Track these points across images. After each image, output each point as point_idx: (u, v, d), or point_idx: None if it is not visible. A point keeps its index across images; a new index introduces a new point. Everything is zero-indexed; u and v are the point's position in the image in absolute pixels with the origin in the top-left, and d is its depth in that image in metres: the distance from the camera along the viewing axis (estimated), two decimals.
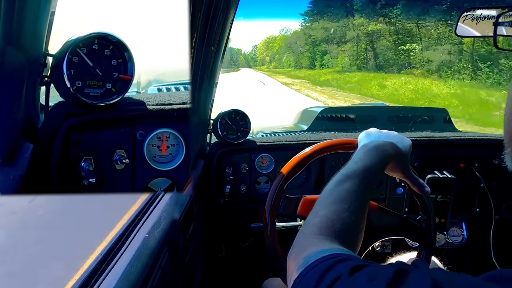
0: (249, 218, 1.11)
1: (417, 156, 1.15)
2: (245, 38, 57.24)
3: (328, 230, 0.46)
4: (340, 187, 0.54)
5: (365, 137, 0.69)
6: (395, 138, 0.69)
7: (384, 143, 0.64)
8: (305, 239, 0.47)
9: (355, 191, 0.52)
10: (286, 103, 9.85)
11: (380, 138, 0.67)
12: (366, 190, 0.53)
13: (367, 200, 0.54)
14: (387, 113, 1.62)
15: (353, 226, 0.48)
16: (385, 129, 0.73)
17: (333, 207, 0.50)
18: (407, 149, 0.68)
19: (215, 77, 1.03)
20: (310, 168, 1.19)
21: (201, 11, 0.75)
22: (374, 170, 0.57)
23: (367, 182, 0.54)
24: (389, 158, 0.62)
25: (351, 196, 0.52)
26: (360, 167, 0.56)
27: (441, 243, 1.21)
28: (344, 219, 0.48)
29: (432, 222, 0.80)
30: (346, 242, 0.46)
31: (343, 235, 0.46)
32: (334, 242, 0.45)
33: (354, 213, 0.49)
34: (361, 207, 0.51)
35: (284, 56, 30.63)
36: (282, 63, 31.03)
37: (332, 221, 0.48)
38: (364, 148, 0.62)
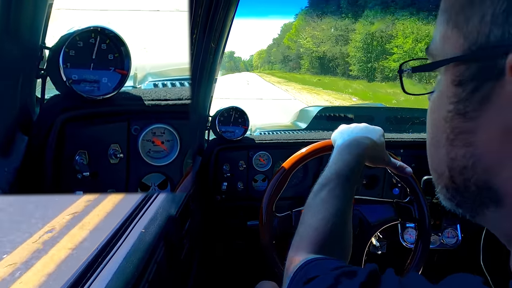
0: (245, 215, 1.12)
1: (414, 157, 1.16)
2: (244, 49, 76.48)
3: (308, 248, 0.47)
4: (316, 198, 0.54)
5: (339, 137, 0.69)
6: (365, 129, 0.69)
7: (356, 138, 0.64)
8: (289, 262, 0.48)
9: (330, 197, 0.53)
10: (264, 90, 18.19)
11: (353, 134, 0.67)
12: (343, 192, 0.54)
13: (348, 199, 0.54)
14: (385, 113, 1.63)
15: (332, 233, 0.49)
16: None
17: (310, 222, 0.51)
18: (380, 137, 0.68)
19: (214, 74, 1.02)
20: (307, 167, 1.19)
21: (202, 8, 0.74)
22: (349, 169, 0.57)
23: (343, 183, 0.55)
24: (365, 150, 0.62)
25: (326, 205, 0.52)
26: (333, 171, 0.57)
27: (436, 244, 1.22)
28: (318, 228, 0.49)
29: (422, 200, 0.81)
30: (328, 250, 0.47)
31: (323, 245, 0.47)
32: (310, 254, 0.46)
33: (330, 220, 0.50)
34: (341, 211, 0.52)
35: (266, 64, 48.86)
36: (269, 67, 47.24)
37: (309, 237, 0.49)
38: (337, 149, 0.63)
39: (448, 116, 0.28)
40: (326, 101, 14.67)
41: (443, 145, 0.29)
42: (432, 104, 0.31)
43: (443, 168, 0.30)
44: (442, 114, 0.29)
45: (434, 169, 0.32)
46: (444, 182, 0.30)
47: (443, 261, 1.29)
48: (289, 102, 12.45)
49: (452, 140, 0.28)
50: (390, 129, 1.35)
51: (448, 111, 0.28)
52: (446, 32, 0.29)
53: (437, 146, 0.30)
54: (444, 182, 0.30)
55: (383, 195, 1.20)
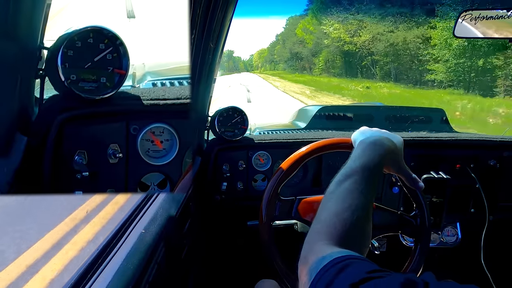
0: (245, 215, 1.12)
1: (413, 156, 1.16)
2: (244, 48, 77.31)
3: (330, 235, 0.45)
4: (340, 187, 0.53)
5: (360, 135, 0.69)
6: (387, 134, 0.69)
7: (381, 137, 0.64)
8: (308, 249, 0.46)
9: (356, 189, 0.51)
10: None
11: (374, 135, 0.67)
12: (367, 187, 0.53)
13: (371, 197, 0.53)
14: (384, 112, 1.63)
15: (356, 225, 0.47)
16: (383, 129, 0.73)
17: (334, 209, 0.49)
18: (400, 145, 0.68)
19: (213, 74, 1.02)
20: (307, 166, 1.19)
21: (201, 8, 0.74)
22: (373, 165, 0.56)
23: (367, 178, 0.54)
24: (387, 151, 0.61)
25: (352, 195, 0.51)
26: (359, 165, 0.56)
27: (436, 242, 1.22)
28: (345, 219, 0.47)
29: (427, 217, 0.81)
30: (350, 242, 0.45)
31: (345, 236, 0.45)
32: (335, 246, 0.44)
33: (356, 212, 0.48)
34: (364, 205, 0.50)
35: (268, 64, 47.85)
36: (271, 67, 46.34)
37: (333, 224, 0.47)
38: (361, 145, 0.62)
39: None
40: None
41: None
42: None
43: None
44: None
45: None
46: None
47: (444, 259, 1.29)
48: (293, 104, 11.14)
49: None
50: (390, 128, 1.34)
51: None
52: None
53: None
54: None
55: (382, 193, 1.20)
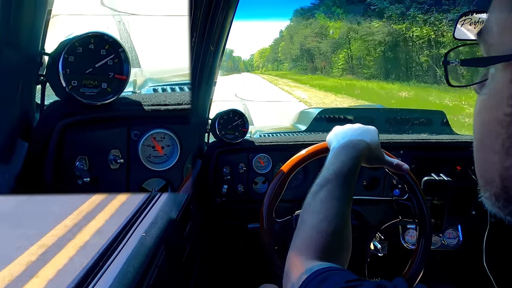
0: (246, 218, 1.12)
1: (414, 158, 1.15)
2: (244, 47, 74.61)
3: (308, 250, 0.46)
4: (316, 199, 0.53)
5: (333, 140, 0.69)
6: (359, 130, 0.69)
7: (350, 140, 0.64)
8: (289, 265, 0.47)
9: (331, 198, 0.52)
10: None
11: (347, 136, 0.67)
12: (342, 192, 0.53)
13: (348, 200, 0.54)
14: (385, 114, 1.62)
15: (334, 235, 0.48)
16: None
17: (311, 222, 0.50)
18: (374, 137, 0.68)
19: (213, 77, 1.03)
20: (308, 169, 1.19)
21: (201, 11, 0.75)
22: (347, 170, 0.57)
23: (342, 185, 0.54)
24: (360, 151, 0.62)
25: (327, 205, 0.51)
26: (332, 172, 0.57)
27: (437, 245, 1.21)
28: (322, 231, 0.48)
29: (420, 196, 0.81)
30: (329, 254, 0.46)
31: (324, 249, 0.46)
32: (314, 260, 0.45)
33: (333, 221, 0.49)
34: (341, 211, 0.51)
35: (270, 64, 44.83)
36: (274, 67, 43.50)
37: (310, 238, 0.48)
38: (333, 151, 0.63)
39: (505, 120, 0.25)
40: None
41: (496, 151, 0.26)
42: (483, 103, 0.28)
43: (493, 175, 0.27)
44: (496, 116, 0.26)
45: (481, 175, 0.29)
46: (494, 191, 0.28)
47: (445, 262, 1.29)
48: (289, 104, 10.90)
49: (509, 148, 0.25)
50: (390, 130, 1.35)
51: (505, 114, 0.25)
52: (506, 21, 0.25)
53: (486, 152, 0.27)
54: (494, 190, 0.28)
55: (383, 196, 1.19)
